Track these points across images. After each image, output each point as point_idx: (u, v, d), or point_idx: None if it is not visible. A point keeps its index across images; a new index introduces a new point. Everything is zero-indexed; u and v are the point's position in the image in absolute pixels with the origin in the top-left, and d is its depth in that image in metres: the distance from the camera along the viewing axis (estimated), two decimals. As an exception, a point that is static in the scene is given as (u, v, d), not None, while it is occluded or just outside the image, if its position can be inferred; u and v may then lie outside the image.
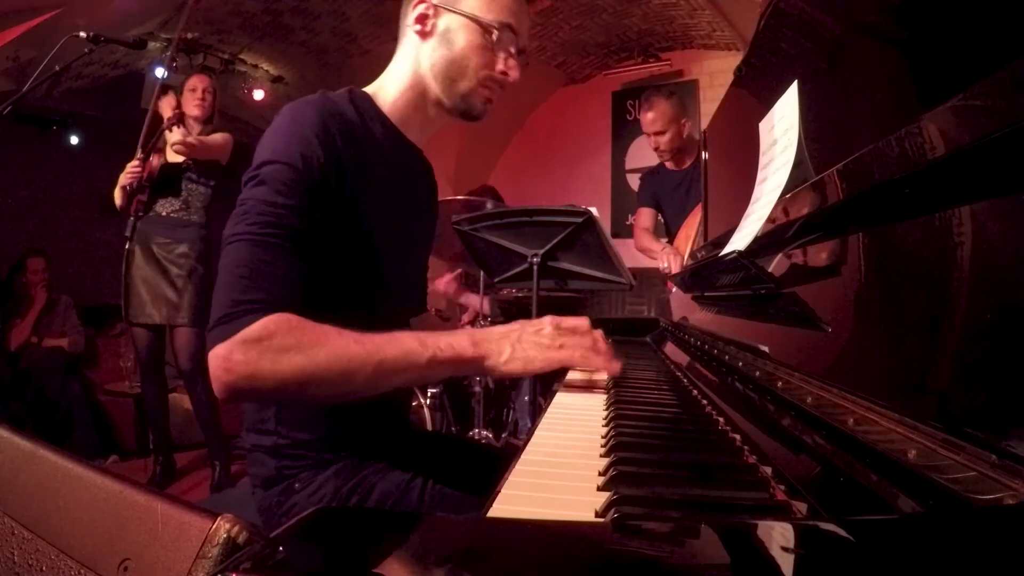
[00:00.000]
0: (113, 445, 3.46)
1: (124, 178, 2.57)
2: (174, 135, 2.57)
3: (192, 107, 2.69)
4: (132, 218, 2.61)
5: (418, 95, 0.95)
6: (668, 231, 2.78)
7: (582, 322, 0.87)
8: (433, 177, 1.11)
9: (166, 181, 2.63)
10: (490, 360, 0.80)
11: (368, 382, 0.74)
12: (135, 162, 2.55)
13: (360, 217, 0.86)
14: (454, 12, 0.92)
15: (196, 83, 2.73)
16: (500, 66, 0.94)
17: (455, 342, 0.78)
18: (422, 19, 0.93)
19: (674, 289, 2.47)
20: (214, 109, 2.78)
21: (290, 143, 0.80)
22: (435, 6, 0.93)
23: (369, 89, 0.97)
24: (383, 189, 0.91)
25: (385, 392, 0.77)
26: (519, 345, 0.81)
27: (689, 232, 2.44)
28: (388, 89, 0.96)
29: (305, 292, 0.77)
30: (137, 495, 0.44)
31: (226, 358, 0.69)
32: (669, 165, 2.78)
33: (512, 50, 0.94)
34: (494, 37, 0.91)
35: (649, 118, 2.62)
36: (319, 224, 0.79)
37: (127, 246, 2.62)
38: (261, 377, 0.69)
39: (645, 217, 2.83)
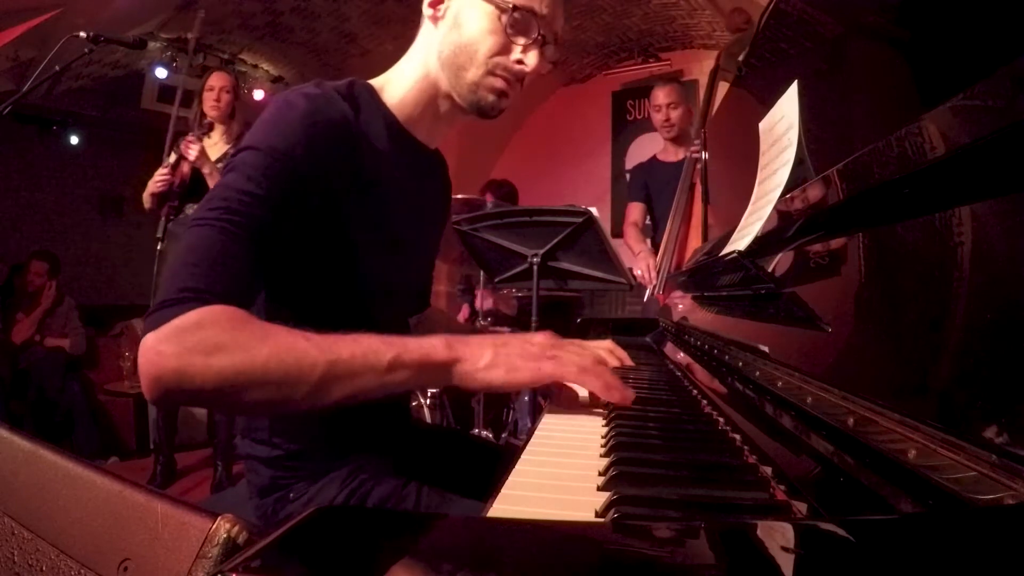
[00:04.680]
0: (113, 445, 3.47)
1: (154, 185, 2.56)
2: (192, 150, 2.50)
3: (208, 107, 2.64)
4: (163, 220, 2.60)
5: (429, 89, 0.89)
6: (655, 227, 2.79)
7: (594, 342, 0.80)
8: (445, 176, 1.07)
9: (197, 184, 2.60)
10: (465, 364, 0.69)
11: (318, 386, 0.63)
12: (164, 169, 2.54)
13: (344, 219, 0.81)
14: None
15: (214, 82, 2.66)
16: (516, 54, 0.85)
17: (425, 343, 0.69)
18: (436, 2, 0.86)
19: (648, 295, 2.54)
20: (232, 108, 2.70)
21: (271, 131, 0.74)
22: None
23: (377, 81, 0.90)
24: (378, 191, 0.85)
25: (343, 405, 0.66)
26: (503, 350, 0.70)
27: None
28: (396, 82, 0.90)
29: (258, 290, 0.72)
30: (137, 495, 0.43)
31: (155, 349, 0.60)
32: (662, 156, 2.81)
33: (533, 37, 0.84)
34: (504, 20, 0.82)
35: (664, 92, 2.73)
36: (292, 217, 0.73)
37: (159, 247, 2.60)
38: (192, 374, 0.60)
39: (635, 212, 2.85)
